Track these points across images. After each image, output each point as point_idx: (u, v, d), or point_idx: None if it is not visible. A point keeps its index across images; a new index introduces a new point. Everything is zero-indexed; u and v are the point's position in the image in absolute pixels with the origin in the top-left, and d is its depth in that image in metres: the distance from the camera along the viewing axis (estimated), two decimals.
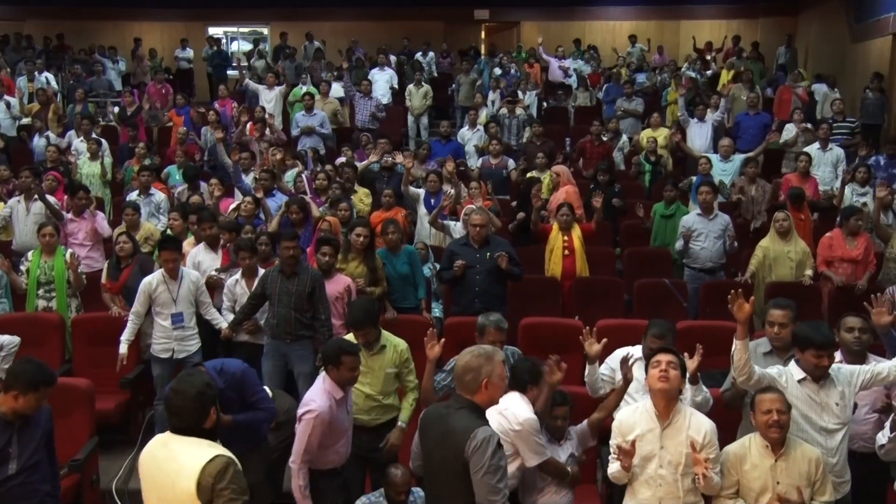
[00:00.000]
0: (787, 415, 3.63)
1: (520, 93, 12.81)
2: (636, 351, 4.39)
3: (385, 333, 4.77)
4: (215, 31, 18.77)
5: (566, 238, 6.97)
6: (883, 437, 3.82)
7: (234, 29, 19.61)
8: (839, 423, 3.83)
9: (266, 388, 4.54)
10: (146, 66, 15.57)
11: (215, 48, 16.38)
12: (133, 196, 8.35)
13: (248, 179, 8.25)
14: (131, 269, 6.39)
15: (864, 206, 7.50)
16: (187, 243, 6.76)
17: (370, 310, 4.68)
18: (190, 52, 16.78)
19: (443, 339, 4.36)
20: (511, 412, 3.83)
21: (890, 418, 3.80)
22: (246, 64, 15.09)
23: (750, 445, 3.75)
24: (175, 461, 3.04)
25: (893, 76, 12.77)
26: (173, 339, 5.80)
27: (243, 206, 7.45)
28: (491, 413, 3.68)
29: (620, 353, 4.42)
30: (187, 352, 5.84)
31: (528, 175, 8.82)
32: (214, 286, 6.27)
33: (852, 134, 10.30)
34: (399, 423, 4.72)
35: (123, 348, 5.83)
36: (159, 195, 8.41)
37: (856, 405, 4.17)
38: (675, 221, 7.61)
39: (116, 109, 12.38)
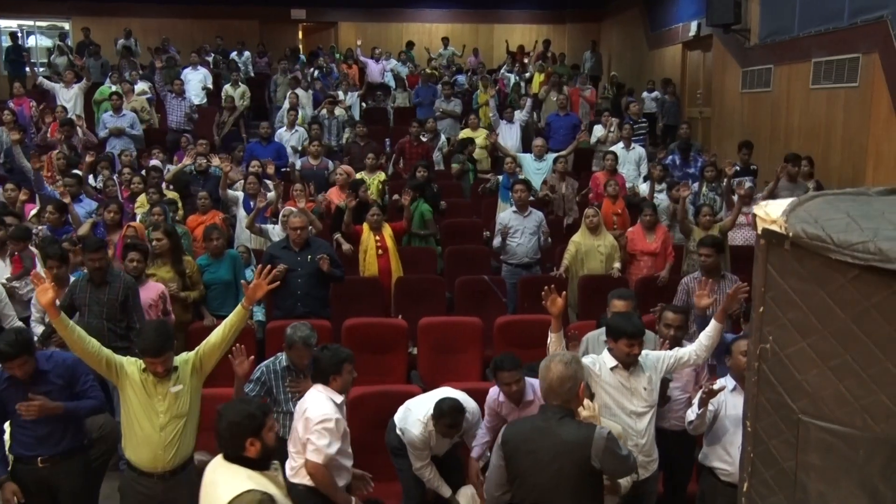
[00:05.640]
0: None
1: (340, 93, 12.75)
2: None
3: None
4: (8, 23, 17.35)
5: (378, 238, 7.01)
6: (692, 414, 4.12)
7: (31, 23, 18.18)
8: (647, 406, 4.08)
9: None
10: None
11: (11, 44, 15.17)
12: None
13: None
14: None
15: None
16: None
17: (168, 332, 3.95)
18: None
19: (252, 357, 4.23)
20: (311, 412, 3.89)
21: (697, 396, 4.10)
22: (46, 61, 14.09)
23: None
24: (214, 488, 2.97)
25: (685, 81, 13.83)
26: None
27: (47, 216, 6.98)
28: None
29: None
30: None
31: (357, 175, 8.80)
32: (10, 295, 5.83)
33: (645, 134, 11.11)
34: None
35: None
36: None
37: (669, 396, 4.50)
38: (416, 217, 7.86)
39: None
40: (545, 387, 3.31)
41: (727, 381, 4.14)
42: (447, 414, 4.19)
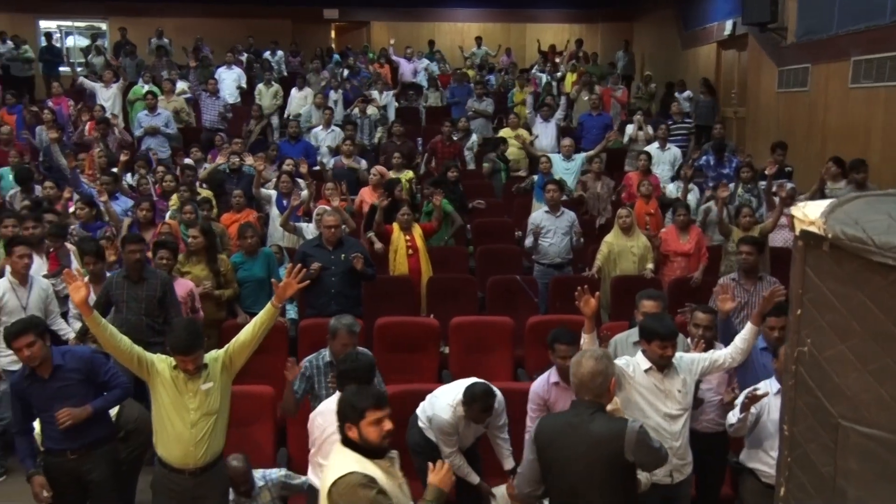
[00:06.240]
0: None
1: (375, 93, 12.80)
2: None
3: None
4: (48, 24, 17.64)
5: (408, 238, 7.02)
6: (733, 417, 4.13)
7: (69, 23, 18.45)
8: (681, 408, 4.04)
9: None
10: None
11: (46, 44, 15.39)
12: None
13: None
14: None
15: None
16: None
17: (197, 330, 3.99)
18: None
19: (301, 364, 4.37)
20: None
21: (740, 399, 4.07)
22: (83, 60, 14.29)
23: None
24: (327, 469, 3.11)
25: (719, 80, 13.69)
26: None
27: (78, 212, 7.08)
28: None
29: None
30: None
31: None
32: None
33: (689, 134, 10.97)
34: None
35: None
36: None
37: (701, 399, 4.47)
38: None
39: None
40: (576, 382, 3.32)
41: (771, 385, 4.11)
42: (479, 398, 4.17)
